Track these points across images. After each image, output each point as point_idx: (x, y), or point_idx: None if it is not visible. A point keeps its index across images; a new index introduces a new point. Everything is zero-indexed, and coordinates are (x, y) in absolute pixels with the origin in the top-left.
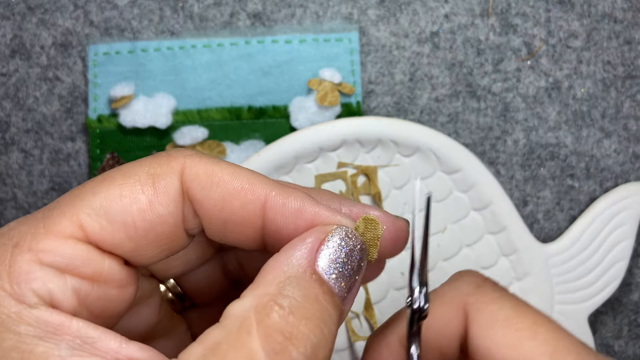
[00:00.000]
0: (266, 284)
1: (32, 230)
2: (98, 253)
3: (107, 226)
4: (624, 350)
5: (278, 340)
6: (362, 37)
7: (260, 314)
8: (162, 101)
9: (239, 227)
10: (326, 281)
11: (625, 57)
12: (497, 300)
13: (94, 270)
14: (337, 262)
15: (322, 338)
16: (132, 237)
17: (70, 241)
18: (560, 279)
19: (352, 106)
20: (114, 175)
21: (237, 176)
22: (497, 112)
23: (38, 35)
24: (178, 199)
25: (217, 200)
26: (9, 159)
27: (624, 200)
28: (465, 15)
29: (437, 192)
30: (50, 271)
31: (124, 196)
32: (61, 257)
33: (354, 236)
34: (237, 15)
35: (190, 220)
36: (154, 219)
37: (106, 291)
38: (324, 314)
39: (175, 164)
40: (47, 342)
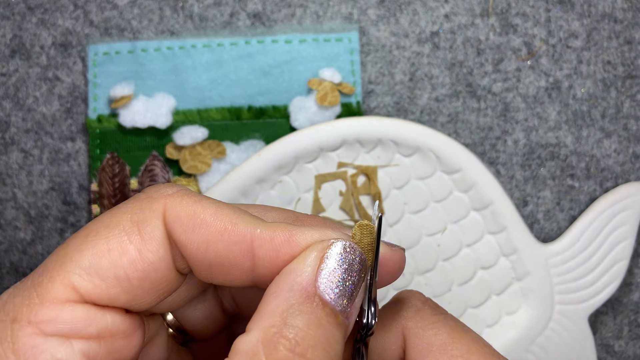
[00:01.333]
0: (269, 314)
1: (26, 302)
2: (98, 310)
3: (101, 284)
4: (624, 351)
5: None
6: (362, 37)
7: (268, 347)
8: (162, 101)
9: (225, 268)
10: (328, 302)
11: (625, 57)
12: (435, 325)
13: (98, 329)
14: (338, 280)
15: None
16: (127, 289)
17: (68, 305)
18: (560, 279)
19: (352, 106)
20: (97, 228)
21: (219, 216)
22: (497, 112)
23: (38, 35)
24: (165, 242)
25: (200, 243)
26: (8, 158)
27: (624, 200)
28: (465, 15)
29: (437, 192)
30: (54, 340)
31: (112, 250)
32: (63, 324)
33: (352, 249)
34: (237, 15)
35: (179, 260)
36: (146, 267)
37: (114, 344)
38: (329, 338)
39: (157, 206)
40: None
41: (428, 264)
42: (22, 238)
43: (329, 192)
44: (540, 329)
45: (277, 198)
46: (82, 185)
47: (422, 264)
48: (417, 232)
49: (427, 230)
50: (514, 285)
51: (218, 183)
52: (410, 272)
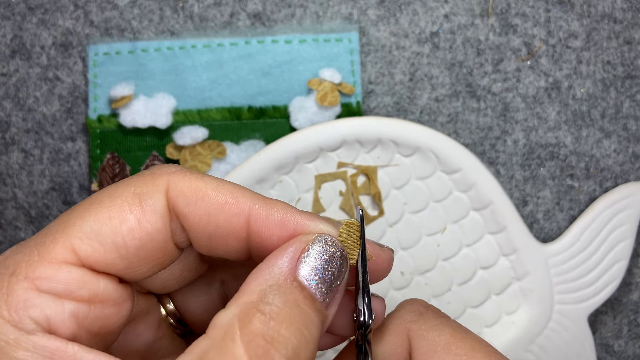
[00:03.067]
0: (249, 292)
1: (26, 258)
2: (92, 275)
3: (99, 248)
4: (624, 350)
5: (260, 345)
6: (362, 37)
7: (243, 321)
8: (162, 101)
9: (224, 239)
10: (307, 287)
11: (625, 57)
12: (438, 327)
13: (90, 293)
14: (317, 269)
15: (303, 340)
16: (124, 255)
17: (65, 266)
18: (560, 278)
19: (352, 106)
20: (101, 198)
21: (221, 190)
22: (497, 112)
23: (38, 35)
24: (165, 215)
25: (202, 215)
26: (9, 159)
27: (624, 200)
28: (465, 16)
29: (437, 192)
30: (47, 297)
31: (112, 217)
32: (57, 283)
33: (333, 243)
34: (237, 15)
35: (179, 234)
36: (144, 237)
37: (103, 310)
38: (305, 318)
39: (160, 182)
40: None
41: (428, 263)
42: (23, 238)
43: (329, 192)
44: (540, 329)
45: (277, 198)
46: (82, 185)
47: (422, 264)
48: (417, 232)
49: (427, 230)
50: (513, 285)
51: None
52: (410, 272)
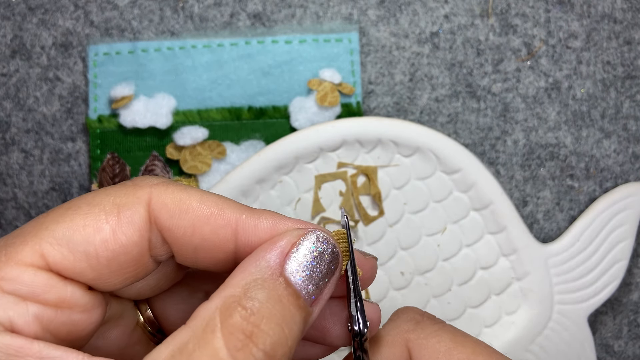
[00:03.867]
0: (233, 285)
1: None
2: (60, 280)
3: (69, 255)
4: (624, 350)
5: (239, 339)
6: (362, 37)
7: (224, 314)
8: (162, 101)
9: (210, 251)
10: (292, 284)
11: (625, 57)
12: (437, 333)
13: (56, 297)
14: (305, 265)
15: (282, 336)
16: (94, 266)
17: (30, 269)
18: (560, 279)
19: (352, 106)
20: (79, 204)
21: (205, 202)
22: (497, 113)
23: (38, 35)
24: (143, 228)
25: (186, 228)
26: (9, 159)
27: (624, 201)
28: (465, 16)
29: (437, 192)
30: (10, 299)
31: (87, 226)
32: (22, 285)
33: (325, 240)
34: (237, 15)
35: (159, 248)
36: (117, 249)
37: (70, 316)
38: (286, 315)
39: (141, 194)
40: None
41: (428, 264)
42: None
43: (329, 192)
44: (540, 329)
45: (277, 198)
46: (82, 185)
47: (422, 264)
48: (417, 232)
49: (427, 230)
50: (513, 285)
51: (218, 183)
52: (410, 272)
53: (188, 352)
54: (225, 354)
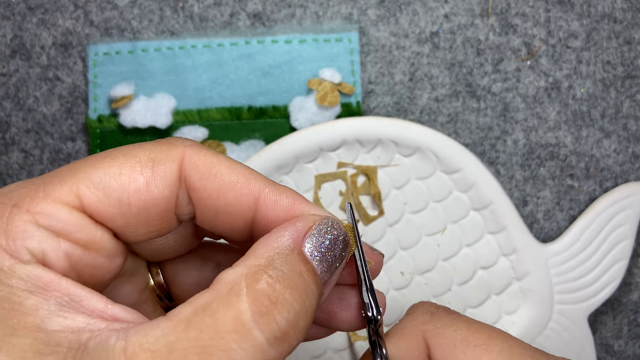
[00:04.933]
0: (257, 256)
1: (31, 193)
2: (91, 222)
3: (103, 199)
4: (624, 350)
5: (265, 304)
6: (362, 37)
7: (250, 280)
8: (162, 101)
9: (230, 217)
10: (310, 261)
11: (625, 57)
12: (452, 322)
13: (86, 238)
14: (321, 247)
15: (304, 308)
16: (124, 213)
17: (66, 208)
18: (560, 278)
19: (352, 106)
20: (116, 154)
21: (233, 170)
22: (497, 112)
23: (38, 35)
24: (174, 185)
25: (212, 190)
26: (9, 159)
27: (624, 200)
28: (465, 16)
29: (437, 192)
30: (45, 232)
31: (123, 174)
32: (57, 221)
33: (339, 227)
34: (237, 15)
35: (184, 206)
36: (148, 200)
37: (96, 259)
38: (307, 288)
39: (175, 152)
40: (36, 296)
41: (428, 263)
42: None
43: (329, 192)
44: (540, 329)
45: None
46: None
47: (422, 264)
48: (417, 232)
49: (427, 230)
50: (513, 285)
51: None
52: (410, 272)
53: (211, 311)
54: (249, 317)
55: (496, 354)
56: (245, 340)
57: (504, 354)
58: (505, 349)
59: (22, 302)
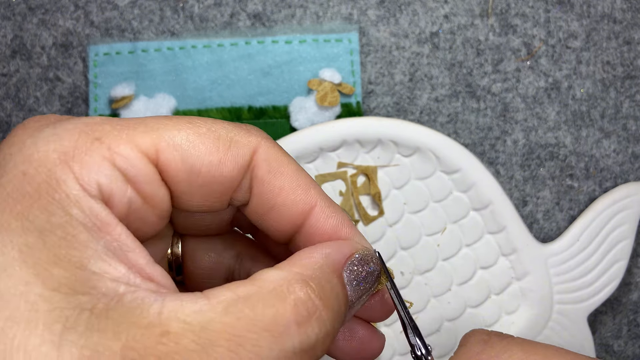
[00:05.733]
0: (302, 265)
1: (115, 132)
2: (159, 178)
3: (179, 162)
4: (624, 350)
5: (303, 314)
6: (362, 37)
7: (294, 287)
8: (162, 101)
9: (282, 216)
10: (346, 286)
11: (625, 57)
12: (506, 348)
13: (151, 191)
14: (358, 276)
15: (332, 328)
16: (191, 181)
17: (144, 157)
18: (560, 278)
19: (352, 106)
20: (199, 124)
21: (300, 175)
22: (496, 112)
23: (39, 35)
24: (243, 169)
25: (275, 187)
26: None
27: (624, 200)
28: (465, 16)
29: (437, 192)
30: (118, 174)
31: (203, 144)
32: (132, 167)
33: (377, 262)
34: (237, 15)
35: (242, 192)
36: (216, 177)
37: (149, 215)
38: (339, 310)
39: (252, 140)
40: (89, 233)
41: (428, 263)
42: None
43: (329, 192)
44: (540, 329)
45: None
46: None
47: (422, 264)
48: (416, 232)
49: (426, 230)
50: (513, 285)
51: None
52: (410, 272)
53: (252, 304)
54: (287, 320)
55: None
56: (277, 342)
57: None
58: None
59: (75, 235)
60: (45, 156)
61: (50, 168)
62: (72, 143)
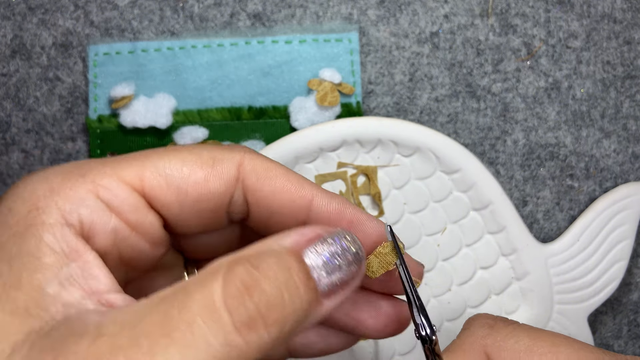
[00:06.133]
0: (249, 248)
1: (100, 167)
2: (146, 206)
3: (164, 186)
4: (624, 350)
5: (237, 287)
6: (362, 37)
7: (230, 265)
8: (162, 101)
9: (284, 218)
10: (307, 264)
11: (625, 57)
12: (513, 334)
13: (136, 219)
14: (325, 254)
15: (280, 301)
16: (181, 202)
17: (127, 187)
18: (560, 278)
19: (352, 106)
20: (181, 150)
21: (289, 175)
22: (496, 112)
23: (38, 35)
24: (231, 183)
25: (269, 192)
26: (9, 159)
27: (624, 200)
28: (465, 16)
29: (437, 192)
30: (100, 205)
31: (185, 167)
32: (114, 198)
33: (352, 240)
34: (237, 15)
35: (237, 205)
36: (204, 194)
37: (140, 243)
38: (290, 284)
39: (235, 155)
40: (56, 257)
41: (428, 263)
42: None
43: None
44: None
45: None
46: None
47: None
48: (416, 232)
49: (426, 230)
50: (513, 285)
51: None
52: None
53: (187, 290)
54: (219, 297)
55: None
56: (212, 319)
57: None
58: (572, 355)
59: (40, 258)
60: (32, 193)
61: (34, 202)
62: (59, 180)
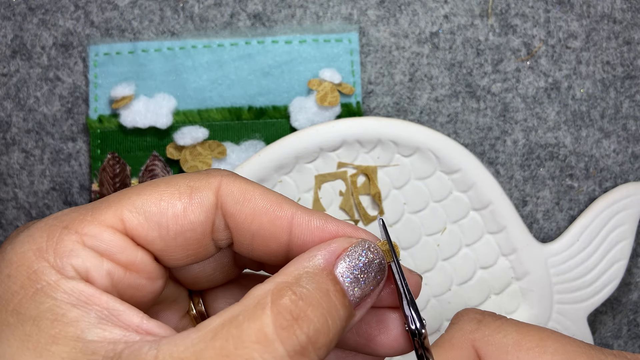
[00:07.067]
0: (286, 274)
1: (80, 217)
2: (132, 244)
3: (144, 223)
4: (623, 350)
5: (286, 319)
6: (362, 37)
7: (275, 296)
8: (162, 101)
9: (265, 240)
10: (340, 282)
11: (625, 57)
12: (501, 328)
13: (127, 259)
14: (354, 269)
15: (326, 326)
16: (163, 236)
17: (110, 230)
18: (560, 278)
19: (352, 106)
20: (159, 183)
21: (267, 196)
22: (496, 113)
23: (39, 35)
24: (210, 210)
25: (247, 215)
26: (10, 159)
27: (623, 200)
28: (465, 16)
29: (437, 192)
30: (90, 252)
31: (163, 200)
32: (101, 242)
33: (375, 251)
34: (238, 15)
35: (220, 232)
36: (185, 225)
37: (136, 280)
38: (331, 308)
39: (212, 181)
40: (78, 309)
41: (428, 263)
42: None
43: (329, 192)
44: None
45: None
46: (83, 185)
47: (422, 264)
48: (416, 232)
49: (426, 230)
50: (513, 285)
51: None
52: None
53: (238, 323)
54: (271, 329)
55: (550, 355)
56: (267, 351)
57: (558, 355)
58: (559, 349)
59: (64, 314)
60: (22, 257)
61: (28, 265)
62: (44, 238)
